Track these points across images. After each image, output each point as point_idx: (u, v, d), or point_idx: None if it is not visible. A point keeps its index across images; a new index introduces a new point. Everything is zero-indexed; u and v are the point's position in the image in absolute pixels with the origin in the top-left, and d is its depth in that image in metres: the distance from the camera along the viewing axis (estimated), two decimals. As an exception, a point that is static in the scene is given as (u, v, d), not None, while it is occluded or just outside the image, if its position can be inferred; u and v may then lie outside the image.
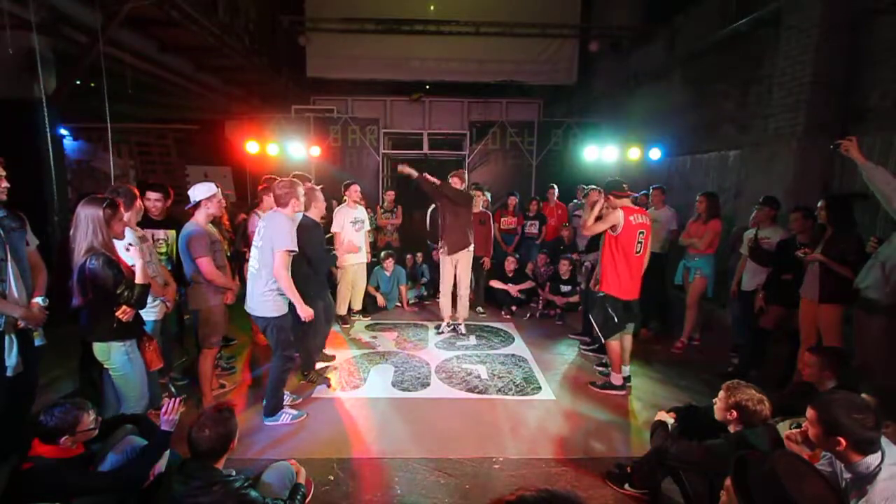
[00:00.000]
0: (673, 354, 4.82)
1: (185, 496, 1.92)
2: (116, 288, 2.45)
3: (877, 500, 1.61)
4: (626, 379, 4.04)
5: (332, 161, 8.82)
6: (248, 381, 4.08)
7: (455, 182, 5.07)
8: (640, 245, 3.80)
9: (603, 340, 3.87)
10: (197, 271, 3.29)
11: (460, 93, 10.20)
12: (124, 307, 2.52)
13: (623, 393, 3.91)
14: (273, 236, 3.16)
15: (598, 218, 3.84)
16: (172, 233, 3.62)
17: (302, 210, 3.54)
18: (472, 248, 5.21)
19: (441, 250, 5.22)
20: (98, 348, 2.59)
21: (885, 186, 2.88)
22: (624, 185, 3.85)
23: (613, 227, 3.75)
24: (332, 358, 4.52)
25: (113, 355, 2.58)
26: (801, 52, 4.77)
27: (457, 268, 5.22)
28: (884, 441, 1.71)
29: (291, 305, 3.30)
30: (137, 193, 3.15)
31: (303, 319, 3.31)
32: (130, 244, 2.67)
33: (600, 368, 4.37)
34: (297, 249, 3.24)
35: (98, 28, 4.83)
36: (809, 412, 1.79)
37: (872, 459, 1.66)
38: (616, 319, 3.80)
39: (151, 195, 3.56)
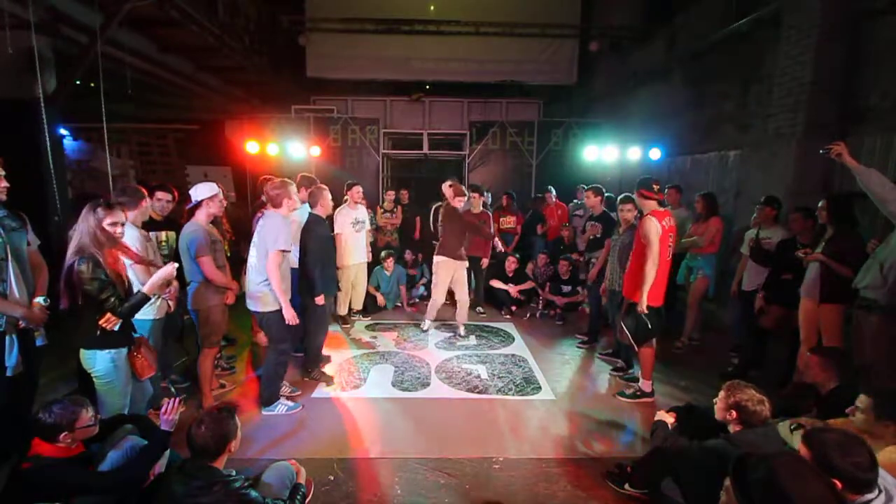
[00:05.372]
0: (673, 354, 4.81)
1: (185, 496, 1.92)
2: (101, 293, 2.35)
3: None
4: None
5: (332, 161, 8.83)
6: (249, 381, 4.08)
7: (449, 193, 5.06)
8: (670, 249, 3.67)
9: (636, 348, 3.73)
10: (198, 271, 3.29)
11: (460, 93, 10.20)
12: (108, 315, 2.38)
13: (652, 399, 3.80)
14: (267, 236, 3.22)
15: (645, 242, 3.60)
16: (172, 234, 3.63)
17: (297, 208, 3.59)
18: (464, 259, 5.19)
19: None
20: (83, 355, 2.49)
21: (881, 189, 2.87)
22: (654, 185, 3.59)
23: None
24: (328, 359, 4.49)
25: (97, 363, 2.46)
26: (801, 53, 4.77)
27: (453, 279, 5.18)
28: (890, 481, 1.65)
29: (294, 303, 3.33)
30: (146, 193, 3.17)
31: (287, 321, 3.32)
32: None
33: (615, 374, 4.36)
34: (290, 249, 3.30)
35: (97, 28, 4.83)
36: (803, 449, 1.73)
37: (869, 496, 1.60)
38: (650, 326, 3.65)
39: (162, 196, 3.60)
